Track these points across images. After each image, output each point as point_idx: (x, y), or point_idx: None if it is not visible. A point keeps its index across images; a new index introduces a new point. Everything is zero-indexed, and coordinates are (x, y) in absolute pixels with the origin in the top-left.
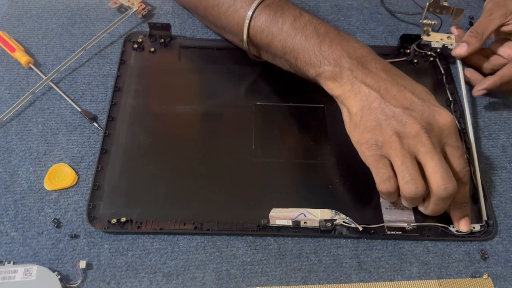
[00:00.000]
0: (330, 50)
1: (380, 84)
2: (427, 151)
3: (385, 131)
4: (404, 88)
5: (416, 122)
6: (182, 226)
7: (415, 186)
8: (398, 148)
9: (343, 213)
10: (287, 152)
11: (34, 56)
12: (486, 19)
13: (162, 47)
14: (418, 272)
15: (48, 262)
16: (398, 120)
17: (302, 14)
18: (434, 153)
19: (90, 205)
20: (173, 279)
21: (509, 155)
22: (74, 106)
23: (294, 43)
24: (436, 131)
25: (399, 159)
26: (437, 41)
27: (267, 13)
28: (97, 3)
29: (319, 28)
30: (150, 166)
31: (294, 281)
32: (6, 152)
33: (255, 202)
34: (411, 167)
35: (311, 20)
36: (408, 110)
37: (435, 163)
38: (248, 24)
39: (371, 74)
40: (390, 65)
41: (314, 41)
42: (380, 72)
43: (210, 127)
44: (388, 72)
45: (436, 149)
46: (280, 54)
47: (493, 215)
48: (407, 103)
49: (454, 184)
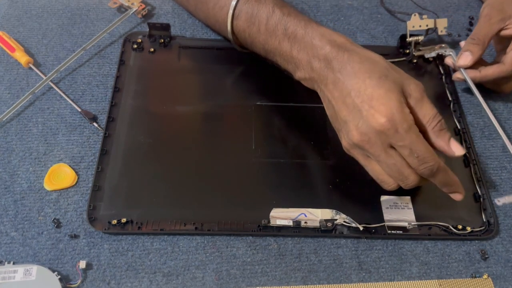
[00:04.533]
0: (299, 55)
1: (334, 94)
2: (370, 158)
3: (344, 138)
4: (348, 94)
5: (355, 133)
6: (182, 227)
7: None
8: (360, 157)
9: (344, 213)
10: (287, 152)
11: (34, 56)
12: (485, 24)
13: (161, 47)
14: (418, 272)
15: (48, 262)
16: (346, 131)
17: (274, 11)
18: (376, 159)
19: (90, 206)
20: (173, 279)
21: (509, 155)
22: (74, 106)
23: (271, 46)
24: (373, 138)
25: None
26: (430, 53)
27: (245, 11)
28: (97, 3)
29: (288, 28)
30: (150, 167)
31: (294, 281)
32: (6, 152)
33: (255, 202)
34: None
35: (281, 18)
36: (347, 122)
37: (377, 169)
38: (231, 23)
39: (332, 80)
40: (353, 57)
41: (286, 45)
42: (339, 76)
43: (210, 127)
44: (344, 72)
45: (376, 156)
46: (263, 54)
47: (493, 215)
48: (347, 112)
49: (409, 181)
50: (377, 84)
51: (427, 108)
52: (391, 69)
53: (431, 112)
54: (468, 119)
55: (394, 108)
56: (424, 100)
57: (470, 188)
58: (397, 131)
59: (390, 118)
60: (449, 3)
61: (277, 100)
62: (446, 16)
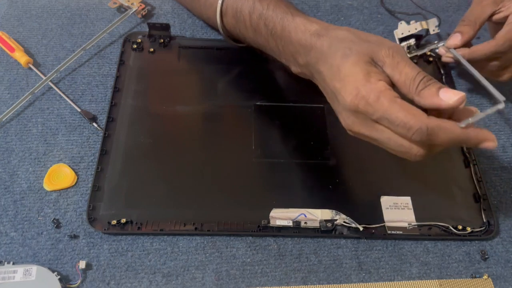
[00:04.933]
0: (285, 51)
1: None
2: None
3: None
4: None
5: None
6: (182, 227)
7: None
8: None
9: (344, 213)
10: (287, 152)
11: (33, 56)
12: (477, 6)
13: (161, 47)
14: (418, 273)
15: (47, 262)
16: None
17: (254, 5)
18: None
19: (90, 206)
20: (173, 280)
21: (509, 155)
22: (74, 106)
23: (260, 42)
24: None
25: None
26: (423, 50)
27: (231, 7)
28: (96, 3)
29: (268, 24)
30: (150, 167)
31: (294, 281)
32: (6, 153)
33: (255, 203)
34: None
35: (261, 13)
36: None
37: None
38: (221, 20)
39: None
40: (324, 43)
41: (271, 41)
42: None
43: (210, 127)
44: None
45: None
46: (256, 47)
47: (493, 216)
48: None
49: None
50: (341, 62)
51: (405, 71)
52: (357, 40)
53: (410, 74)
54: None
55: (358, 81)
56: (400, 64)
57: (470, 189)
58: (368, 104)
59: (356, 93)
60: (449, 3)
61: (277, 100)
62: (447, 16)
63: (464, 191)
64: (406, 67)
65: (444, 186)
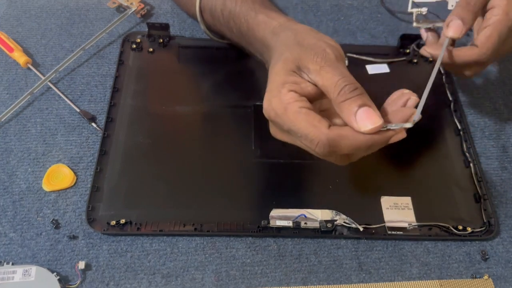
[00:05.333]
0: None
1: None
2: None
3: None
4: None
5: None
6: (182, 228)
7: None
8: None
9: (344, 213)
10: (287, 152)
11: (32, 56)
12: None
13: (161, 47)
14: (418, 273)
15: (47, 263)
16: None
17: (225, 3)
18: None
19: (89, 206)
20: (172, 280)
21: (509, 155)
22: (73, 107)
23: (234, 39)
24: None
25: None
26: (427, 25)
27: (207, 5)
28: (95, 3)
29: (236, 22)
30: (150, 167)
31: (294, 282)
32: (5, 153)
33: (255, 203)
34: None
35: (230, 10)
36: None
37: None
38: (202, 18)
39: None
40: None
41: (243, 40)
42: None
43: (209, 128)
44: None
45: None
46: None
47: (494, 216)
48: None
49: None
50: (271, 69)
51: (326, 76)
52: (292, 45)
53: (330, 80)
54: (469, 119)
55: (272, 92)
56: (323, 69)
57: (471, 189)
58: (277, 115)
59: (268, 105)
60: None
61: None
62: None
63: (465, 191)
64: (328, 73)
65: (445, 186)
